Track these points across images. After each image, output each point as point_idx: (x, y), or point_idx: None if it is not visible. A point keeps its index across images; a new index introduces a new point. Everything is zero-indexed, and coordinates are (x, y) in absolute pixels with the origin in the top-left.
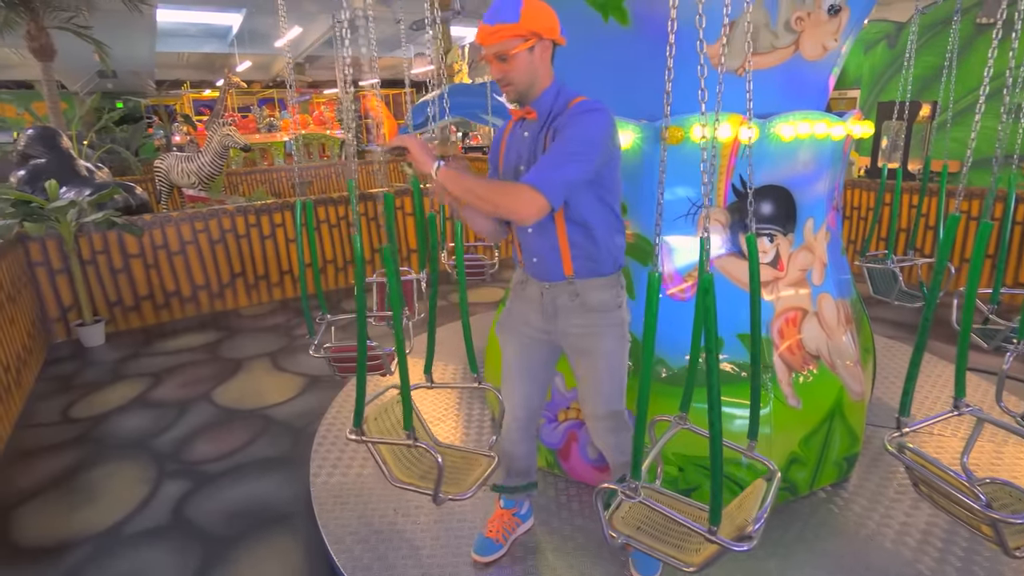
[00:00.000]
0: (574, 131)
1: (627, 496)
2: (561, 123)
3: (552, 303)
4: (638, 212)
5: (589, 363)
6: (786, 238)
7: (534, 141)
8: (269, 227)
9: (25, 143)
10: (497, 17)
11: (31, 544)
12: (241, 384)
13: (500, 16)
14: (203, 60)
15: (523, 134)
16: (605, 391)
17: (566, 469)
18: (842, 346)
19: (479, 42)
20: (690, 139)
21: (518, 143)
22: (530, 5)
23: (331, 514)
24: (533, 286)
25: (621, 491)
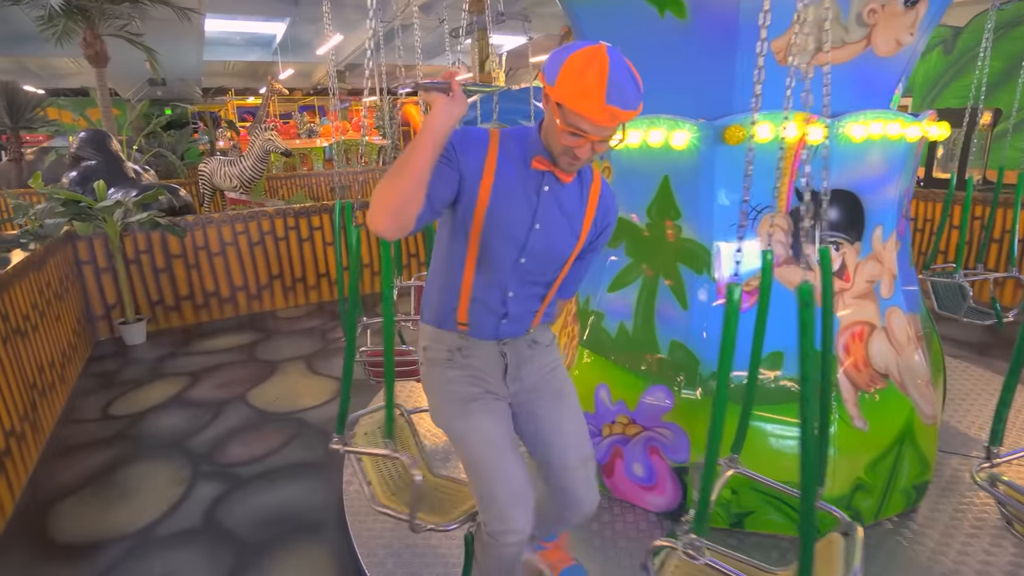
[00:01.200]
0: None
1: (690, 556)
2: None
3: (516, 358)
4: (694, 217)
5: (568, 403)
6: (853, 247)
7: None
8: (307, 230)
9: (77, 145)
10: (629, 104)
11: (66, 541)
12: (276, 386)
13: (632, 104)
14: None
15: (543, 187)
16: (584, 429)
17: (609, 486)
18: (913, 364)
19: (597, 121)
20: (753, 139)
21: (532, 194)
22: (640, 85)
23: (363, 524)
24: (485, 348)
25: (682, 550)
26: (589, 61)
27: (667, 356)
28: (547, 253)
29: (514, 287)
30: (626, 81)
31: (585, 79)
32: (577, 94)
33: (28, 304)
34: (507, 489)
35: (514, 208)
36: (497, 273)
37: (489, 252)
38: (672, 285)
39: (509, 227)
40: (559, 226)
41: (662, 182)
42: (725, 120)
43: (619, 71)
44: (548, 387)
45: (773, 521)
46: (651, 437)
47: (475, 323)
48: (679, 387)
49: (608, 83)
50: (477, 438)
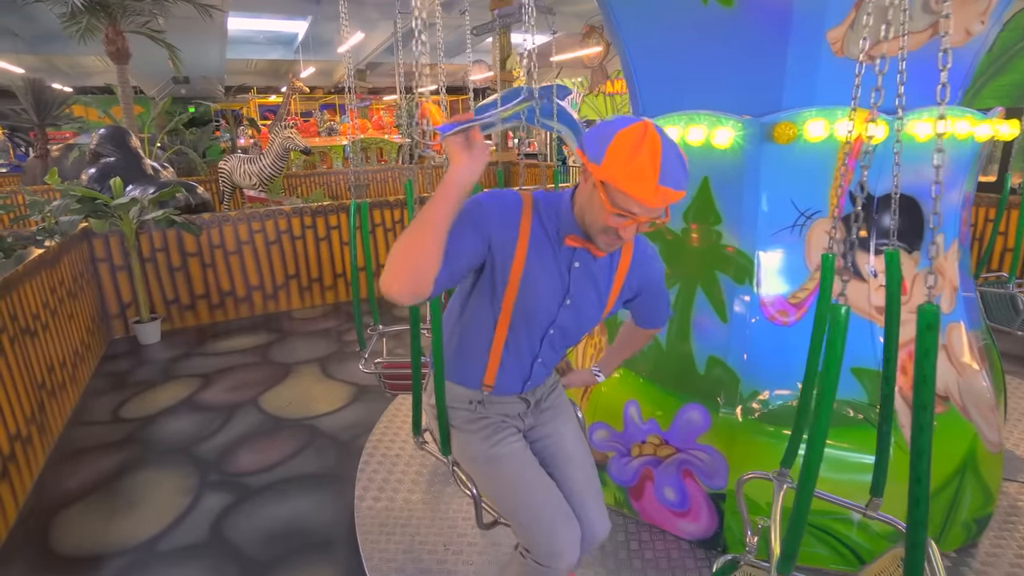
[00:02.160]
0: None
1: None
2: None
3: (534, 397)
4: (736, 222)
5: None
6: (911, 256)
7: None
8: (324, 229)
9: (97, 142)
10: (681, 184)
11: (67, 553)
12: (289, 390)
13: (683, 183)
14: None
15: (573, 264)
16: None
17: (637, 510)
18: (976, 386)
19: (650, 204)
20: (804, 137)
21: (564, 271)
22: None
23: (375, 545)
24: (507, 399)
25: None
26: (640, 140)
27: (704, 373)
28: (576, 325)
29: (544, 355)
30: (676, 160)
31: (638, 160)
32: (630, 177)
33: (39, 303)
34: (549, 507)
35: (546, 287)
36: (527, 344)
37: (519, 326)
38: (711, 296)
39: (540, 305)
40: (588, 299)
41: (701, 184)
42: (774, 117)
43: (669, 151)
44: (548, 404)
45: (819, 555)
46: (685, 460)
47: (501, 385)
48: (717, 407)
49: (662, 165)
50: (509, 462)
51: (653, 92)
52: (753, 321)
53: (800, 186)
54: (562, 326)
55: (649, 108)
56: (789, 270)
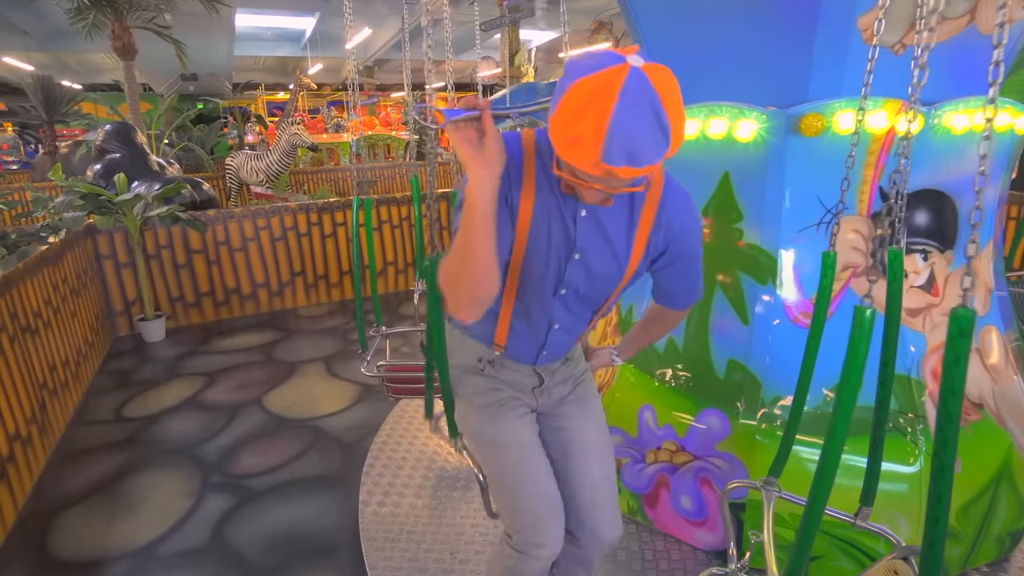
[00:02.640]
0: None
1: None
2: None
3: (549, 375)
4: (759, 219)
5: (592, 415)
6: (943, 256)
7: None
8: (331, 226)
9: (102, 138)
10: (639, 160)
11: (65, 558)
12: (294, 390)
13: (643, 159)
14: (277, 63)
15: (579, 212)
16: (609, 445)
17: (651, 518)
18: (1011, 393)
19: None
20: (832, 130)
21: (570, 221)
22: (678, 125)
23: (380, 552)
24: (519, 367)
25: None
26: (593, 96)
27: (724, 377)
28: (592, 285)
29: (559, 319)
30: (640, 129)
31: (579, 123)
32: (566, 142)
33: (41, 300)
34: (542, 497)
35: (552, 238)
36: (538, 305)
37: (527, 283)
38: (731, 297)
39: (547, 258)
40: (602, 255)
41: (722, 179)
42: (800, 108)
43: (632, 114)
44: (573, 396)
45: (843, 568)
46: (703, 467)
47: (512, 349)
48: (737, 412)
49: (608, 133)
50: (509, 442)
51: None
52: (775, 323)
53: (827, 181)
54: (575, 285)
55: None
56: (813, 269)
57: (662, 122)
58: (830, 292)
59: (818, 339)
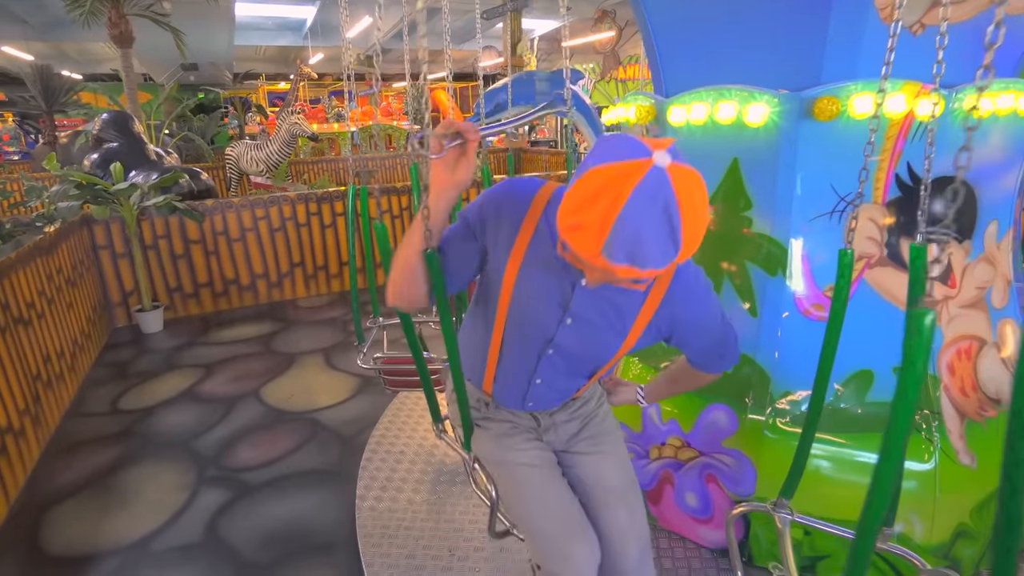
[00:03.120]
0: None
1: None
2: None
3: (549, 421)
4: (769, 208)
5: (610, 443)
6: (961, 246)
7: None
8: (330, 216)
9: (99, 127)
10: (645, 262)
11: (57, 552)
12: (292, 382)
13: (649, 262)
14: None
15: (580, 280)
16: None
17: (655, 515)
18: None
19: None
20: (847, 114)
21: (567, 286)
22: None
23: (377, 549)
24: (514, 412)
25: None
26: (606, 186)
27: (731, 371)
28: (584, 351)
29: (543, 376)
30: (647, 231)
31: (586, 211)
32: (569, 226)
33: (34, 291)
34: (556, 518)
35: (542, 300)
36: (523, 358)
37: (512, 337)
38: (739, 289)
39: (533, 318)
40: (598, 322)
41: (730, 166)
42: (814, 91)
43: (642, 215)
44: (586, 434)
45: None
46: (708, 464)
47: (500, 395)
48: (745, 408)
49: (613, 229)
50: (521, 469)
51: (678, 66)
52: (785, 316)
53: (841, 168)
54: (563, 347)
55: (674, 84)
56: (826, 260)
57: (673, 227)
58: (847, 293)
59: (834, 345)
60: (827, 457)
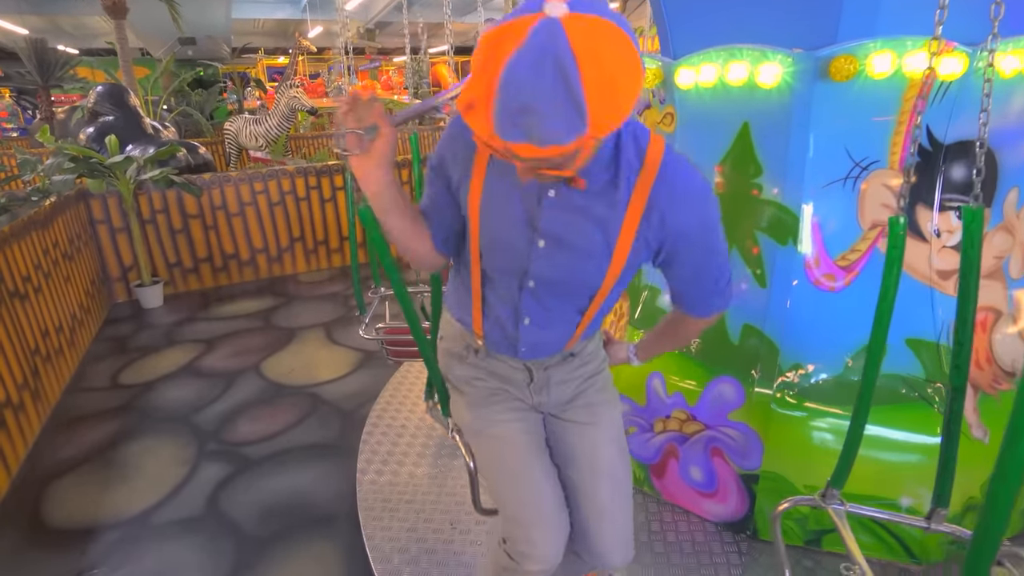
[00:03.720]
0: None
1: None
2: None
3: (542, 372)
4: (780, 174)
5: (603, 425)
6: None
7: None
8: (330, 190)
9: (94, 100)
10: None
11: (58, 526)
12: (292, 356)
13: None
14: (277, 26)
15: (547, 192)
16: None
17: (659, 488)
18: None
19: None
20: (866, 74)
21: (532, 202)
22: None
23: (378, 523)
24: (505, 361)
25: None
26: (492, 51)
27: (738, 343)
28: (565, 276)
29: (530, 314)
30: (536, 97)
31: (475, 85)
32: (463, 107)
33: (30, 265)
34: (534, 507)
35: (507, 221)
36: (504, 296)
37: (490, 271)
38: (748, 257)
39: (505, 244)
40: (575, 240)
41: (740, 130)
42: (830, 50)
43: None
44: (582, 401)
45: (860, 541)
46: (714, 437)
47: (491, 340)
48: (752, 380)
49: (498, 98)
50: (497, 436)
51: (687, 24)
52: (795, 284)
53: (857, 132)
54: (542, 276)
55: (682, 44)
56: (839, 228)
57: (571, 89)
58: (900, 266)
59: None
60: (835, 431)
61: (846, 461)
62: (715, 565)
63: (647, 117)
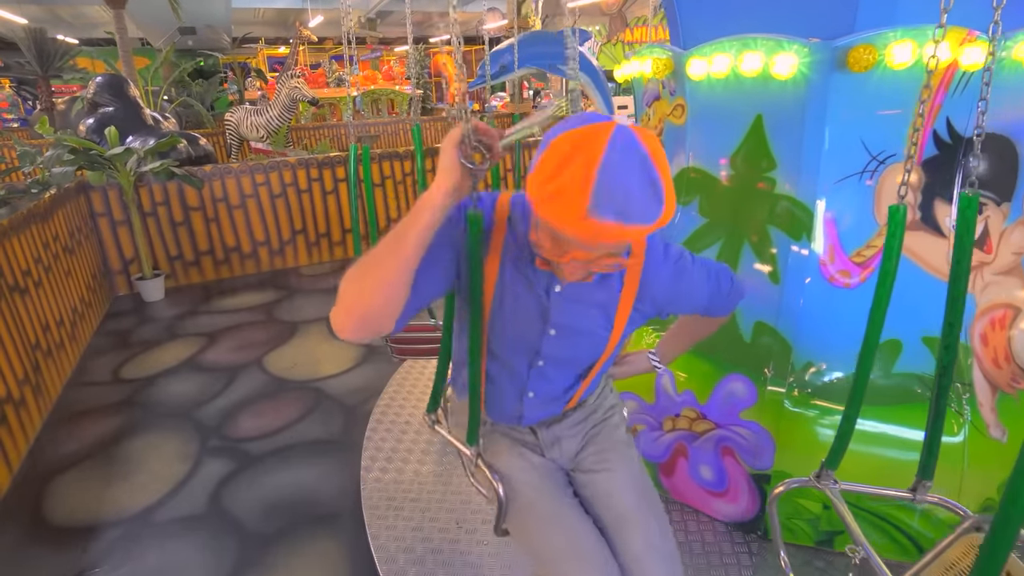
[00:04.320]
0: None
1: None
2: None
3: (550, 434)
4: (794, 168)
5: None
6: (999, 209)
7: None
8: (332, 181)
9: (94, 91)
10: (634, 217)
11: (59, 523)
12: (295, 350)
13: (639, 217)
14: (277, 16)
15: (553, 287)
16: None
17: (667, 487)
18: None
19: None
20: (885, 64)
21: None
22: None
23: (383, 521)
24: (512, 427)
25: None
26: (579, 147)
27: (750, 340)
28: (570, 354)
29: (534, 388)
30: (630, 181)
31: (564, 174)
32: (548, 195)
33: (30, 258)
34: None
35: (521, 313)
36: (514, 376)
37: (499, 354)
38: (760, 253)
39: (517, 334)
40: (581, 324)
41: (754, 123)
42: (849, 39)
43: (622, 166)
44: (593, 449)
45: (872, 541)
46: (725, 436)
47: (494, 412)
48: (764, 379)
49: (597, 181)
50: (526, 483)
51: (698, 13)
52: (808, 281)
53: (874, 124)
54: (552, 356)
55: (693, 34)
56: (854, 224)
57: (653, 179)
58: (898, 255)
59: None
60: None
61: (841, 442)
62: (725, 566)
63: (656, 109)
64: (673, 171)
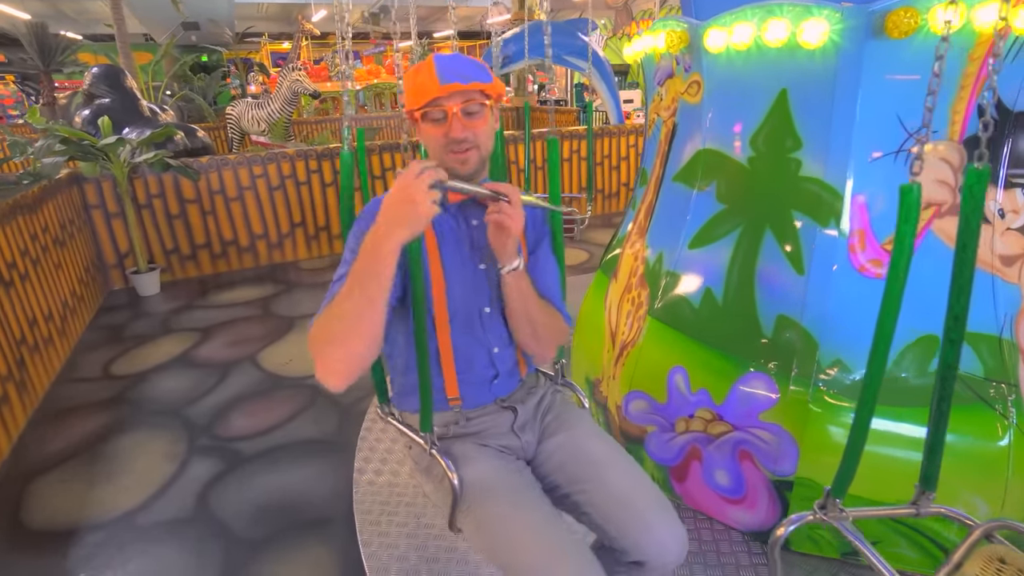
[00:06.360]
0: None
1: None
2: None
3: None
4: (823, 147)
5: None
6: None
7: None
8: (331, 173)
9: (90, 82)
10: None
11: (39, 526)
12: (290, 346)
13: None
14: (280, 11)
15: (471, 222)
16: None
17: (680, 493)
18: None
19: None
20: (927, 29)
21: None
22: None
23: (375, 528)
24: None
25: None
26: (417, 68)
27: (772, 335)
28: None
29: (493, 340)
30: (459, 61)
31: (417, 79)
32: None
33: (15, 251)
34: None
35: (458, 257)
36: (472, 336)
37: (458, 323)
38: (782, 241)
39: (472, 290)
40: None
41: (777, 98)
42: (888, 2)
43: (449, 57)
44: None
45: (904, 555)
46: (743, 439)
47: (468, 396)
48: (788, 377)
49: (437, 67)
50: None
51: None
52: (835, 269)
53: (912, 98)
54: (492, 297)
55: (709, 4)
56: (888, 208)
57: (472, 60)
58: (912, 242)
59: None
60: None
61: (849, 467)
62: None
63: (669, 88)
64: (688, 153)
